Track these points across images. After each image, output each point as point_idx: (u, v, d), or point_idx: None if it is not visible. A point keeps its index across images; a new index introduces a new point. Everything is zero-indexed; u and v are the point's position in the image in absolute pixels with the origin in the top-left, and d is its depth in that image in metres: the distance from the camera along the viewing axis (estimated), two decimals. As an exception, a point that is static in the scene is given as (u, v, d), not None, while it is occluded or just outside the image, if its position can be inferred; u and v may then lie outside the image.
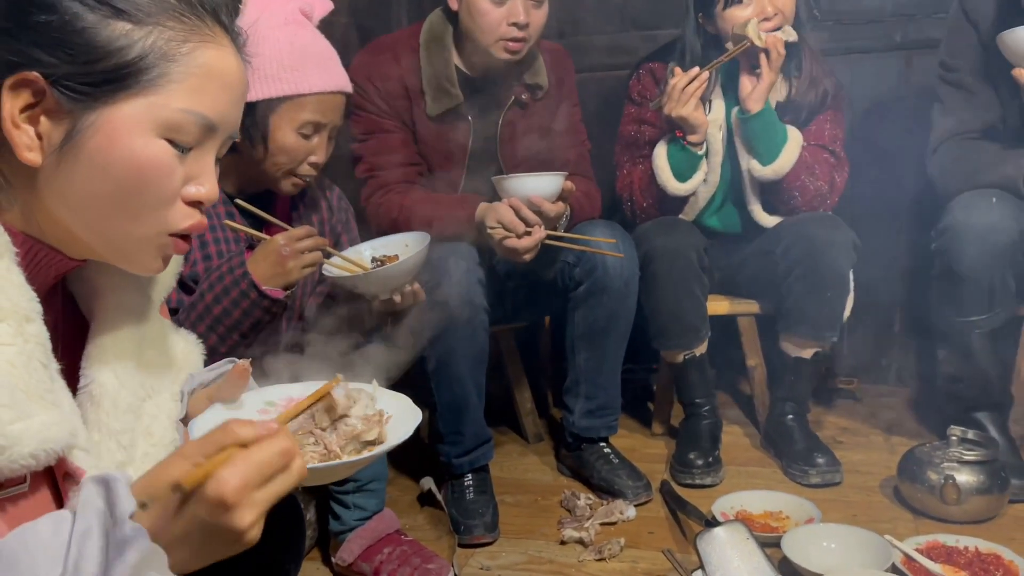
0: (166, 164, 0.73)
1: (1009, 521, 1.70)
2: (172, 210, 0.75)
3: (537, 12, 1.84)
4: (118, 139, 0.71)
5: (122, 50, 0.70)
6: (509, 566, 1.65)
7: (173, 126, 0.72)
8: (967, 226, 1.74)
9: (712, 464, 1.94)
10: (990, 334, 1.81)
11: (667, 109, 1.91)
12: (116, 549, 0.60)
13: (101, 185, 0.72)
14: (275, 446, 0.65)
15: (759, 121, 1.92)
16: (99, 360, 0.82)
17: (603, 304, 1.85)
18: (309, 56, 1.45)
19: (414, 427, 0.84)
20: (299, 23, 1.48)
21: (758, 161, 1.96)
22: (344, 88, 1.50)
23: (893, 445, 2.08)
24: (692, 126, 1.91)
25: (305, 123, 1.45)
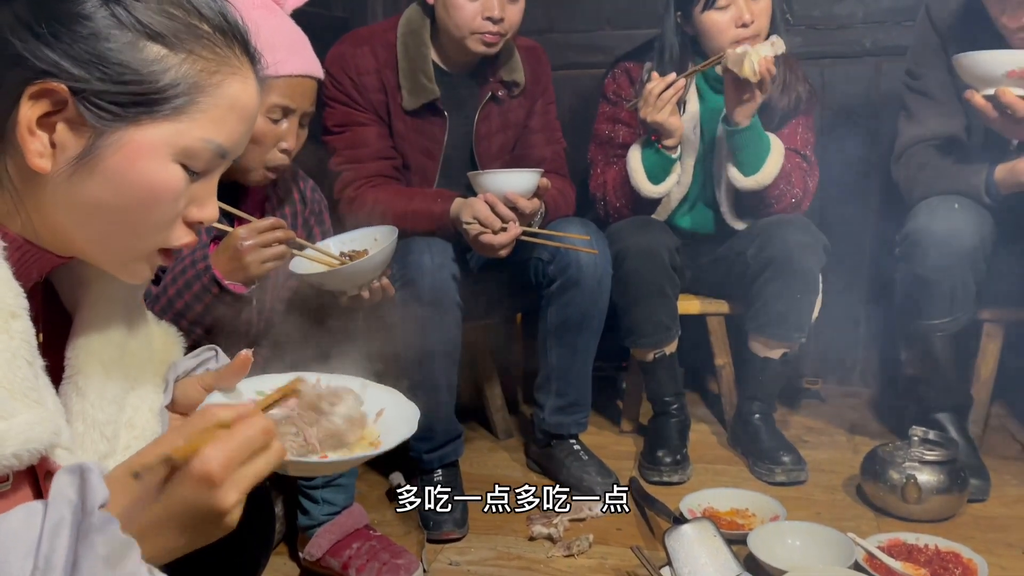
0: (177, 188, 0.73)
1: (968, 520, 1.74)
2: (172, 229, 0.76)
3: (512, 7, 1.84)
4: (137, 160, 0.71)
5: (155, 74, 0.70)
6: (478, 562, 1.66)
7: (191, 153, 0.73)
8: (929, 231, 1.78)
9: (680, 462, 1.96)
10: (951, 337, 1.85)
11: (642, 114, 1.92)
12: (86, 540, 0.60)
13: (111, 201, 0.72)
14: (256, 425, 0.67)
15: (747, 134, 1.93)
16: (86, 350, 0.81)
17: (576, 301, 1.86)
18: (278, 40, 1.42)
19: (413, 428, 0.85)
20: (269, 8, 1.45)
21: (740, 171, 1.97)
22: (314, 73, 1.48)
23: (856, 445, 2.12)
24: (668, 131, 1.92)
25: (273, 107, 1.42)
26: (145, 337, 0.89)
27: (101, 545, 0.60)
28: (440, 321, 1.75)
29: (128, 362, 0.85)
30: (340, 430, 0.84)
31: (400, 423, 0.87)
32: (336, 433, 0.84)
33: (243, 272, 1.34)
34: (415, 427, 0.86)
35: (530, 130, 2.03)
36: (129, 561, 0.62)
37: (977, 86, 1.68)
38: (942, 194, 1.83)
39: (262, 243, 1.35)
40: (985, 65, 1.66)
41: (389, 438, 0.85)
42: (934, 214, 1.79)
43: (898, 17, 2.36)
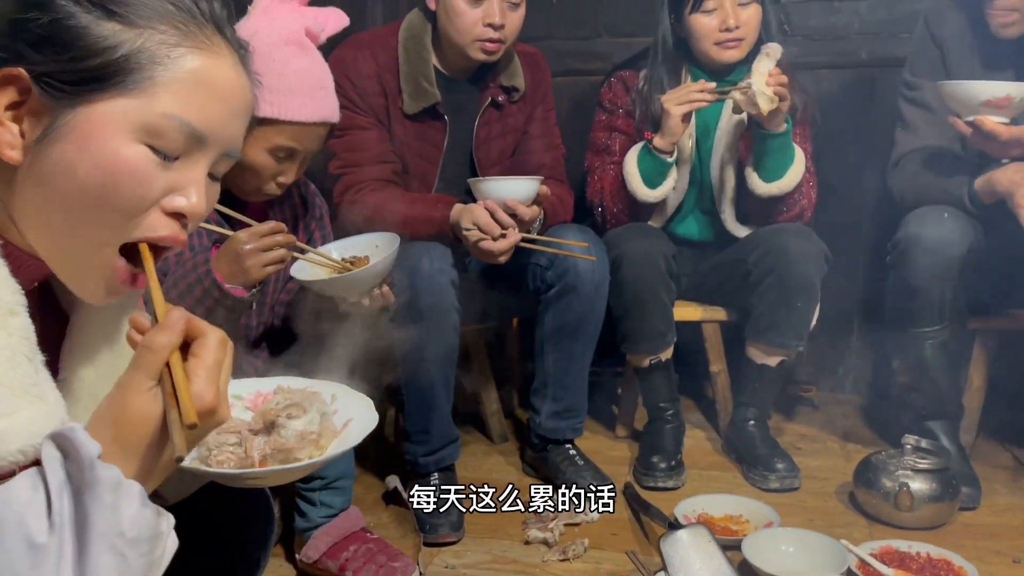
0: (141, 170, 0.70)
1: (959, 528, 1.76)
2: (145, 218, 0.72)
3: (513, 14, 1.85)
4: (93, 139, 0.68)
5: (108, 50, 0.68)
6: (474, 565, 1.66)
7: (153, 131, 0.69)
8: (919, 240, 1.80)
9: (675, 468, 1.98)
10: (942, 345, 1.87)
11: (664, 99, 1.94)
12: (92, 492, 0.62)
13: (68, 185, 0.69)
14: (213, 340, 0.68)
15: (779, 139, 1.95)
16: (79, 354, 0.81)
17: (573, 307, 1.87)
18: (301, 84, 1.41)
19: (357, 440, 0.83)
20: (300, 45, 1.43)
21: (762, 178, 1.98)
22: (329, 119, 1.47)
23: (849, 452, 2.13)
24: (670, 128, 1.93)
25: (280, 147, 1.43)
26: None
27: (108, 494, 0.62)
28: (438, 325, 1.76)
29: (123, 364, 0.83)
30: (289, 446, 0.83)
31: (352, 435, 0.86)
32: (285, 448, 0.83)
33: (244, 276, 1.34)
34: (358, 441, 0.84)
35: (529, 136, 2.04)
36: (136, 505, 0.63)
37: (959, 112, 1.73)
38: (932, 203, 1.86)
39: (263, 247, 1.35)
40: (964, 94, 1.72)
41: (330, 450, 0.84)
42: (924, 223, 1.81)
43: (893, 29, 2.38)
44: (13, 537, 0.59)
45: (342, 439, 0.86)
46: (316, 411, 0.85)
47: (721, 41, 1.97)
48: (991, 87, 1.70)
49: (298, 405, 0.84)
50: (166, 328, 0.67)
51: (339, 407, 0.89)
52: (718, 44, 1.98)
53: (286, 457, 0.84)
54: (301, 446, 0.83)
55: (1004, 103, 1.69)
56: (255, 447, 0.83)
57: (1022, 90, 1.68)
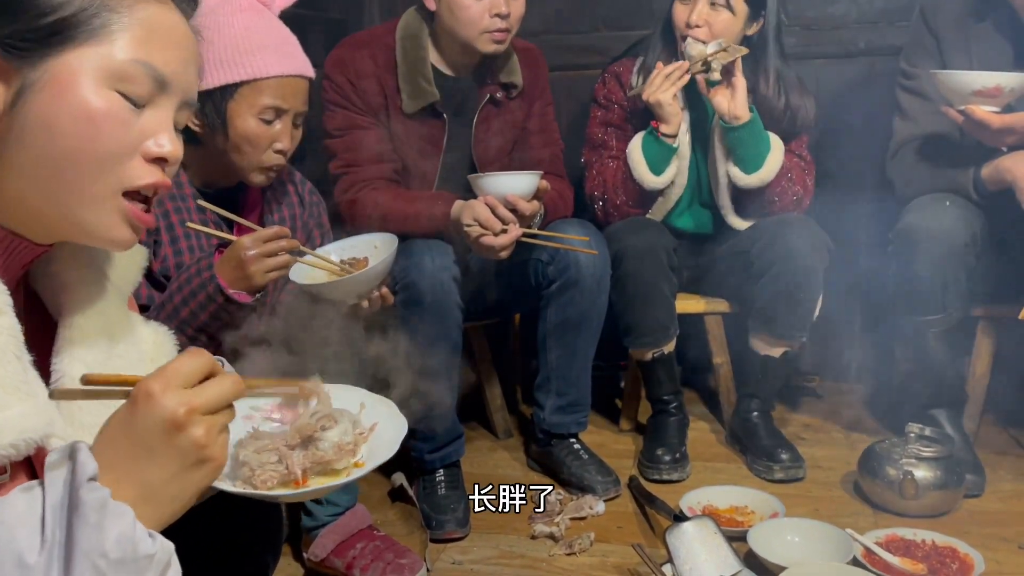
0: (118, 115, 0.72)
1: (964, 515, 1.76)
2: (130, 165, 0.74)
3: (516, 2, 1.86)
4: (67, 91, 0.71)
5: (64, 4, 0.71)
6: (480, 560, 1.67)
7: (122, 76, 0.72)
8: (921, 228, 1.80)
9: (679, 460, 1.98)
10: (945, 334, 1.87)
11: (646, 94, 1.95)
12: (77, 512, 0.63)
13: (52, 141, 0.71)
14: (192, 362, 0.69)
15: (746, 130, 1.95)
16: (69, 355, 0.81)
17: (575, 301, 1.87)
18: (266, 40, 1.44)
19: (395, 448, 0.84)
20: (255, 10, 1.46)
21: (742, 170, 1.99)
22: (303, 72, 1.48)
23: (853, 441, 2.14)
24: (667, 114, 1.95)
25: (265, 108, 1.43)
26: (133, 339, 0.89)
27: (93, 514, 0.62)
28: (441, 322, 1.76)
29: (115, 365, 0.85)
30: (328, 458, 0.84)
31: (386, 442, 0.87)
32: (324, 461, 0.84)
33: (247, 281, 1.34)
34: (396, 448, 0.85)
35: (528, 132, 2.05)
36: (122, 526, 0.64)
37: (952, 101, 1.74)
38: (933, 191, 1.86)
39: (266, 252, 1.35)
40: (955, 84, 1.72)
41: (372, 459, 0.85)
42: (925, 211, 1.81)
43: (891, 18, 2.38)
44: (3, 553, 0.60)
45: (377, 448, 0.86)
46: (348, 420, 0.86)
47: (684, 35, 1.99)
48: (982, 77, 1.70)
49: (330, 416, 0.85)
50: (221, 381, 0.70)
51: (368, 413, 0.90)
52: (683, 37, 2.00)
53: (324, 469, 0.85)
54: (339, 457, 0.85)
55: (995, 92, 1.69)
56: (296, 463, 0.83)
57: (1012, 80, 1.69)
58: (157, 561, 0.66)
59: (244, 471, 0.83)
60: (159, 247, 1.45)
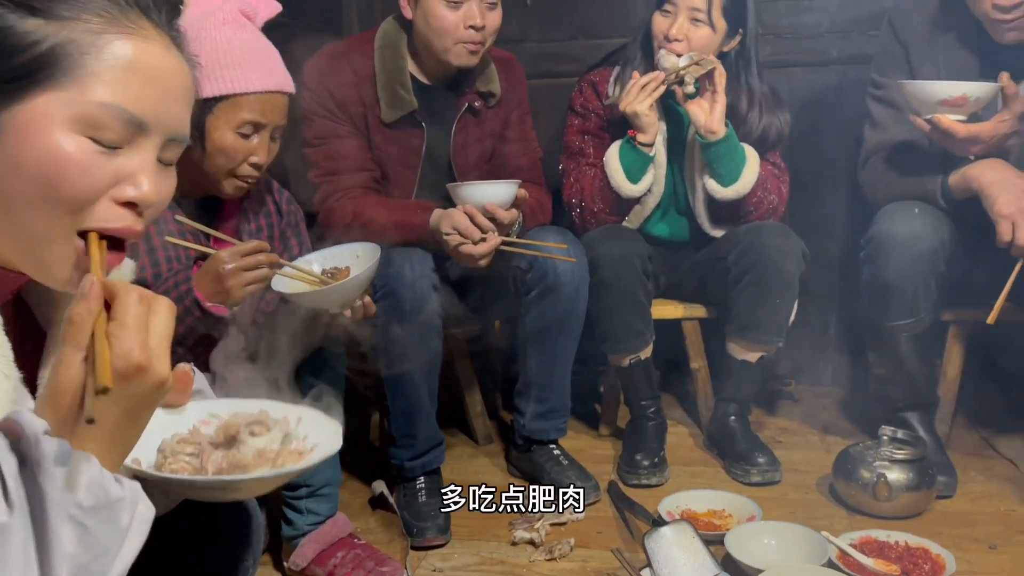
0: (83, 161, 0.70)
1: (936, 516, 1.80)
2: (95, 208, 0.72)
3: (492, 14, 1.87)
4: (32, 135, 0.69)
5: (33, 45, 0.69)
6: (461, 567, 1.68)
7: (91, 121, 0.70)
8: (891, 235, 1.84)
9: (658, 464, 2.00)
10: (916, 338, 1.91)
11: (623, 104, 1.97)
12: (41, 468, 0.62)
13: (15, 184, 0.70)
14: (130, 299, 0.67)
15: (723, 145, 1.98)
16: None
17: (554, 308, 1.89)
18: (247, 55, 1.44)
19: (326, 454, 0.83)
20: (238, 23, 1.46)
21: (719, 183, 2.02)
22: (284, 88, 1.49)
23: (829, 444, 2.16)
24: (644, 124, 1.97)
25: (243, 123, 1.43)
26: None
27: (57, 467, 0.62)
28: (421, 330, 1.77)
29: None
30: (245, 462, 0.83)
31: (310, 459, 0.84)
32: (241, 464, 0.83)
33: (225, 295, 1.35)
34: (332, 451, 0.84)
35: (507, 140, 2.06)
36: (91, 472, 0.64)
37: (919, 110, 1.77)
38: (903, 199, 1.90)
39: (245, 267, 1.35)
40: (922, 93, 1.76)
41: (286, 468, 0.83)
42: (895, 219, 1.85)
43: (863, 27, 2.42)
44: None
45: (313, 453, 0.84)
46: (279, 430, 0.85)
47: (663, 47, 2.01)
48: (948, 87, 1.74)
49: (262, 423, 0.84)
50: (82, 297, 0.67)
51: (307, 431, 0.87)
52: (661, 48, 2.02)
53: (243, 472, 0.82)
54: (257, 464, 0.83)
55: (960, 102, 1.73)
56: (210, 459, 0.82)
57: (978, 89, 1.73)
58: (130, 502, 0.67)
59: (159, 457, 0.82)
60: (135, 257, 1.45)
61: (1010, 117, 1.73)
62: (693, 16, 1.99)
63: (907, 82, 1.82)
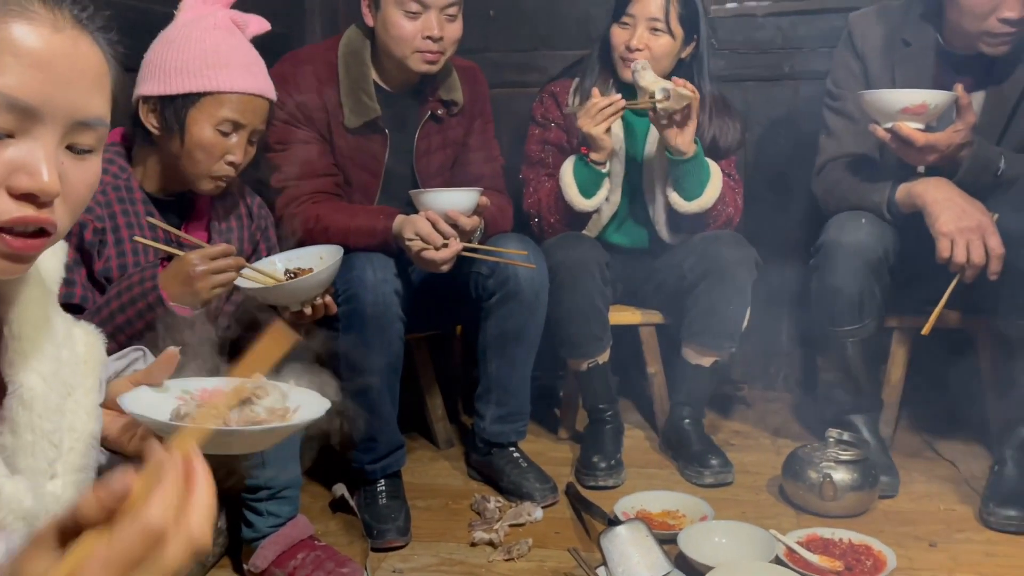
0: None
1: (879, 515, 1.87)
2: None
3: (451, 26, 1.90)
4: None
5: None
6: (421, 568, 1.70)
7: None
8: (839, 244, 1.91)
9: (614, 467, 2.05)
10: (862, 343, 1.98)
11: (580, 123, 2.01)
12: None
13: None
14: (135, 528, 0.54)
15: (691, 163, 2.03)
16: (23, 365, 0.82)
17: (515, 314, 1.93)
18: (233, 58, 1.49)
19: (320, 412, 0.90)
20: (229, 29, 1.52)
21: (682, 197, 2.07)
22: (266, 93, 1.54)
23: (779, 447, 2.23)
24: (598, 145, 2.02)
25: (224, 120, 1.47)
26: (71, 342, 0.90)
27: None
28: (383, 334, 1.79)
29: (63, 370, 0.86)
30: (261, 418, 0.89)
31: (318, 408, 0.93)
32: (257, 421, 0.89)
33: (194, 297, 1.37)
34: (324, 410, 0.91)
35: (469, 148, 2.10)
36: None
37: (879, 120, 1.83)
38: (853, 209, 1.97)
39: (214, 269, 1.38)
40: (883, 102, 1.82)
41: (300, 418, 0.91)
42: (843, 228, 1.92)
43: (814, 44, 2.51)
44: None
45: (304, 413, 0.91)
46: (279, 393, 0.92)
47: (624, 58, 2.06)
48: (909, 95, 1.81)
49: (262, 388, 0.91)
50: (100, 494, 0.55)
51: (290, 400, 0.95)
52: (622, 59, 2.07)
53: None
54: (271, 419, 0.89)
55: (920, 110, 1.80)
56: (232, 419, 0.87)
57: (936, 97, 1.80)
58: None
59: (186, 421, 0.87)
60: (103, 247, 1.46)
61: (963, 127, 1.80)
62: (652, 26, 2.05)
63: (868, 92, 1.88)
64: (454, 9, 1.89)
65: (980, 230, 1.76)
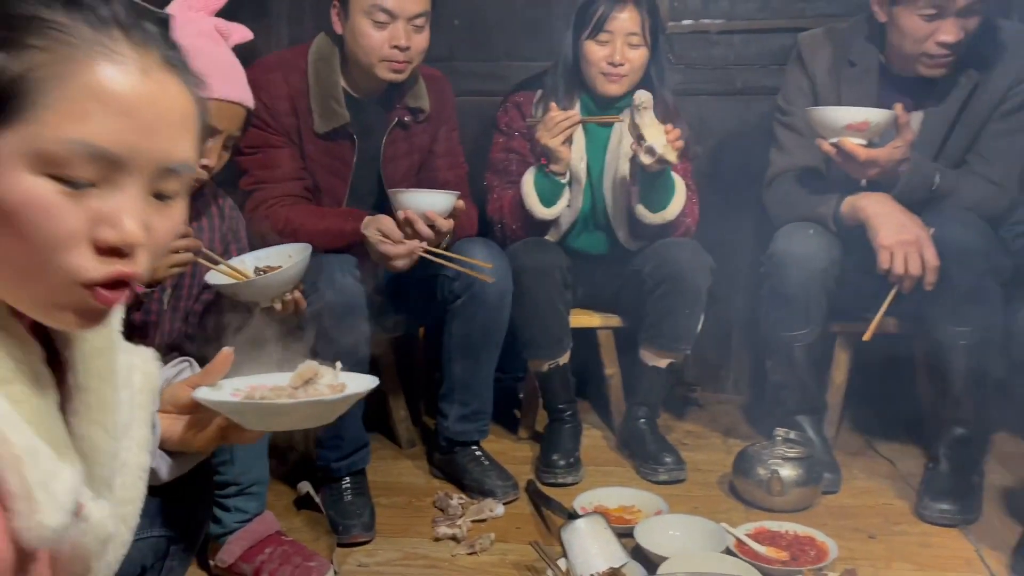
0: (47, 204, 0.62)
1: (822, 509, 1.97)
2: (74, 256, 0.64)
3: (418, 36, 1.95)
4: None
5: None
6: (386, 562, 1.75)
7: (53, 160, 0.61)
8: (788, 253, 2.02)
9: (573, 464, 2.12)
10: (808, 347, 2.08)
11: (538, 136, 2.09)
12: None
13: None
14: None
15: (660, 177, 2.10)
16: (86, 416, 0.76)
17: (479, 317, 1.99)
18: (213, 67, 1.48)
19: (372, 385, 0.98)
20: (211, 37, 1.55)
21: (648, 209, 2.14)
22: (245, 101, 1.57)
23: (730, 446, 2.32)
24: (556, 157, 2.09)
25: None
26: (129, 379, 0.84)
27: None
28: (349, 334, 1.83)
29: (123, 413, 0.80)
30: (325, 394, 0.96)
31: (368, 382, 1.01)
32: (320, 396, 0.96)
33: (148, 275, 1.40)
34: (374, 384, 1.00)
35: (435, 154, 2.15)
36: None
37: (825, 135, 1.94)
38: (801, 220, 2.08)
39: (171, 248, 1.42)
40: (829, 118, 1.93)
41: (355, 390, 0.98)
42: (792, 238, 2.03)
43: (764, 61, 2.62)
44: None
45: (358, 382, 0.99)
46: (332, 373, 0.99)
47: (606, 72, 2.14)
48: (852, 112, 1.92)
49: (316, 370, 0.98)
50: None
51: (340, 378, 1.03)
52: (604, 75, 2.15)
53: None
54: (332, 393, 0.96)
55: (863, 127, 1.92)
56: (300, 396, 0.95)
57: (878, 115, 1.91)
58: None
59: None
60: None
61: (903, 144, 1.92)
62: (630, 41, 2.13)
63: (815, 108, 1.99)
64: (422, 20, 1.94)
65: (917, 243, 1.88)
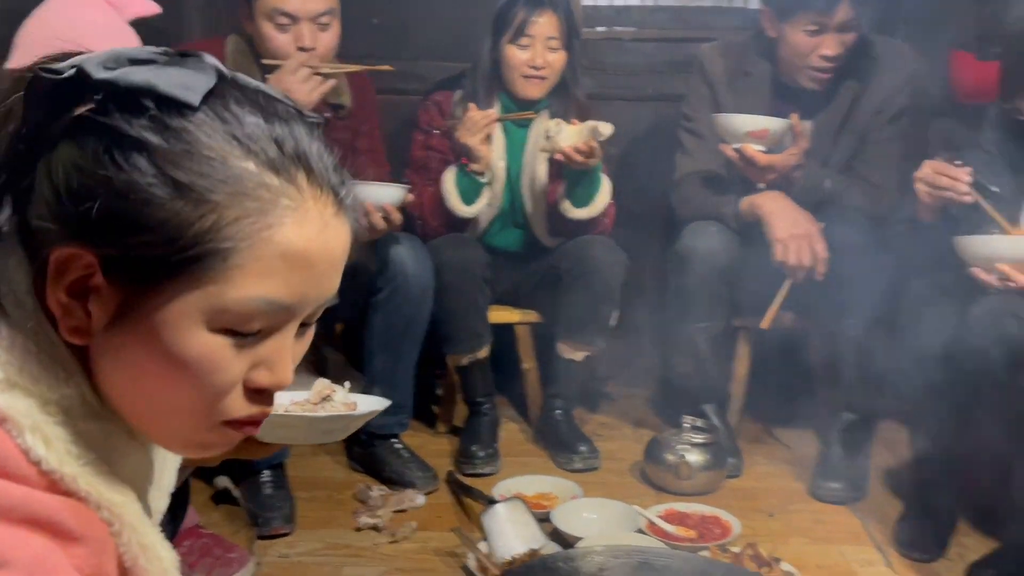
0: (217, 359, 0.60)
1: (727, 492, 2.09)
2: (229, 400, 0.63)
3: (324, 35, 1.96)
4: (160, 335, 0.59)
5: (177, 235, 0.57)
6: (308, 553, 1.76)
7: (233, 318, 0.59)
8: (693, 249, 2.14)
9: (492, 455, 2.17)
10: (712, 339, 2.21)
11: (457, 134, 2.14)
12: None
13: (141, 378, 0.61)
14: None
15: (589, 173, 2.17)
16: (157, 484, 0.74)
17: (402, 309, 2.02)
18: (96, 35, 1.40)
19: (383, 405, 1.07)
20: (100, 8, 1.46)
21: (573, 204, 2.21)
22: None
23: (641, 436, 2.40)
24: (476, 155, 2.14)
25: None
26: None
27: None
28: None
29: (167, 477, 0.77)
30: (341, 411, 1.04)
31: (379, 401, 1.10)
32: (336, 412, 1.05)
33: None
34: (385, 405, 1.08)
35: (357, 151, 2.17)
36: None
37: (728, 140, 2.07)
38: (704, 219, 2.20)
39: None
40: (731, 126, 2.07)
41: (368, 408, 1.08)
42: (696, 236, 2.15)
43: (673, 69, 2.75)
44: None
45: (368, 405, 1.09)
46: (343, 391, 1.07)
47: (527, 75, 2.21)
48: (753, 120, 2.07)
49: (331, 387, 1.06)
50: None
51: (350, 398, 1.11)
52: (524, 77, 2.22)
53: None
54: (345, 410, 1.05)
55: (763, 135, 2.06)
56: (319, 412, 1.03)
57: (776, 124, 2.06)
58: None
59: None
60: None
61: (797, 151, 2.08)
62: (550, 45, 2.19)
63: (720, 115, 2.12)
64: (327, 18, 1.95)
65: (808, 237, 2.03)
